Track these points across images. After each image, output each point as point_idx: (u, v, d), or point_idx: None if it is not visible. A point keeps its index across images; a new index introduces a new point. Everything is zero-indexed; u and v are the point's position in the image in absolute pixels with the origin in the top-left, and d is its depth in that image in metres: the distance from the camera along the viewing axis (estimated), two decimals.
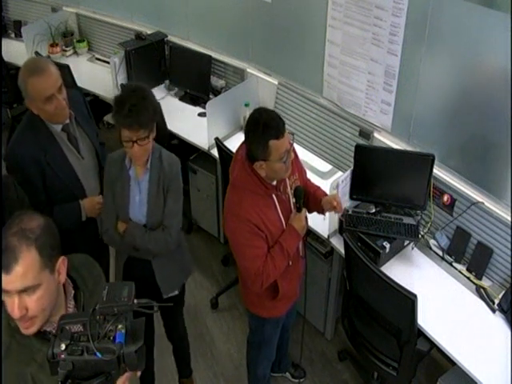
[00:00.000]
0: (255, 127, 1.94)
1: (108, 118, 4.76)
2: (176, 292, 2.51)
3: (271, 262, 2.08)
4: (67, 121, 2.33)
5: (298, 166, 2.26)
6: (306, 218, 2.22)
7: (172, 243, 2.31)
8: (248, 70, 3.68)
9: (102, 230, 2.37)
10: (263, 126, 1.92)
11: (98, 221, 2.59)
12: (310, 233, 2.76)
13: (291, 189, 2.17)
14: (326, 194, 2.36)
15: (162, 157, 2.24)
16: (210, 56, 3.82)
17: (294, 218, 2.15)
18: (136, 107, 2.00)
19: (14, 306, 1.27)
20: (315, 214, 2.40)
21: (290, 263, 2.19)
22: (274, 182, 2.10)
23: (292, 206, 2.19)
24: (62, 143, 2.33)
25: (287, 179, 2.16)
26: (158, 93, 3.99)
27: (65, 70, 3.80)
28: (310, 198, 2.31)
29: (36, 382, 1.36)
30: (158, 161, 2.23)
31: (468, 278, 2.50)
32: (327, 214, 2.50)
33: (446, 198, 2.61)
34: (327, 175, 3.17)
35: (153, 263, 2.37)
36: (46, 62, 2.22)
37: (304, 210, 2.18)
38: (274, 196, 2.10)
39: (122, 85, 3.76)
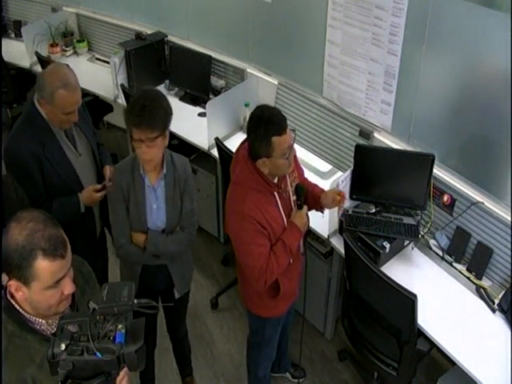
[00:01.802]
0: (257, 124, 1.95)
1: (108, 118, 4.76)
2: (187, 289, 2.56)
3: (274, 259, 2.08)
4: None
5: (296, 165, 2.27)
6: (307, 214, 2.22)
7: (191, 240, 2.37)
8: (248, 70, 3.68)
9: (116, 247, 2.32)
10: (265, 123, 1.92)
11: (95, 218, 2.59)
12: (310, 232, 2.76)
13: (291, 186, 2.18)
14: (324, 191, 2.36)
15: (174, 160, 2.24)
16: (210, 56, 3.81)
17: (296, 215, 2.16)
18: (147, 107, 2.01)
19: (70, 283, 1.37)
20: (315, 214, 2.40)
21: (291, 261, 2.19)
22: (276, 180, 2.11)
23: (292, 204, 2.20)
24: (61, 139, 2.35)
25: (287, 177, 2.17)
26: None
27: None
28: (309, 196, 2.32)
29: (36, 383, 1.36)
30: (171, 165, 2.23)
31: (468, 278, 2.50)
32: (326, 212, 2.50)
33: (446, 198, 2.61)
34: (327, 175, 3.17)
35: (168, 267, 2.37)
36: (75, 77, 2.29)
37: (305, 207, 2.18)
38: (275, 193, 2.11)
39: (121, 85, 3.76)
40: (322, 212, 2.40)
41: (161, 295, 2.51)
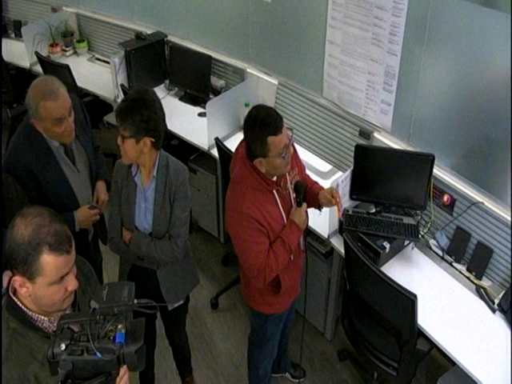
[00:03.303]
0: (253, 125, 1.95)
1: (108, 117, 4.75)
2: (181, 302, 2.50)
3: (273, 257, 2.09)
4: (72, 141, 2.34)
5: (297, 162, 2.27)
6: (307, 212, 2.23)
7: (179, 253, 2.28)
8: (248, 70, 3.68)
9: (107, 238, 2.36)
10: (261, 123, 1.93)
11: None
12: (310, 232, 2.76)
13: (291, 184, 2.18)
14: (323, 189, 2.36)
15: (169, 165, 2.22)
16: (210, 56, 3.81)
17: (295, 212, 2.16)
18: (127, 106, 2.05)
19: (74, 280, 1.39)
20: (316, 213, 2.40)
21: (292, 258, 2.20)
22: (275, 178, 2.11)
23: (292, 201, 2.20)
24: (59, 157, 2.32)
25: (287, 174, 2.17)
26: (158, 93, 3.90)
27: (65, 70, 3.81)
28: (308, 193, 2.32)
29: (39, 381, 1.37)
30: (164, 169, 2.20)
31: (468, 278, 2.50)
32: (327, 212, 2.51)
33: (446, 198, 2.61)
34: (327, 175, 3.17)
35: (158, 273, 2.35)
36: (58, 84, 2.22)
37: (304, 204, 2.18)
38: (274, 191, 2.11)
39: (121, 85, 3.76)
40: (320, 210, 2.40)
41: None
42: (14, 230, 1.32)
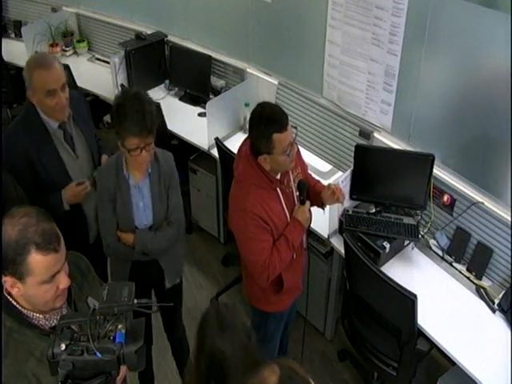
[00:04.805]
0: (258, 121, 1.97)
1: (108, 117, 4.75)
2: (178, 280, 2.54)
3: (277, 254, 2.10)
4: (65, 119, 2.32)
5: (300, 161, 2.28)
6: (310, 210, 2.23)
7: (180, 235, 2.39)
8: (248, 69, 3.68)
9: (104, 246, 2.32)
10: (266, 120, 1.94)
11: (89, 223, 2.54)
12: (310, 232, 2.76)
13: (294, 182, 2.19)
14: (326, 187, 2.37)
15: (157, 156, 2.24)
16: (210, 56, 3.82)
17: (298, 210, 2.18)
18: (141, 113, 2.00)
19: (65, 278, 1.38)
20: (316, 213, 2.40)
21: (295, 256, 2.21)
22: (278, 176, 2.12)
23: (295, 199, 2.21)
24: (57, 141, 2.30)
25: (290, 173, 2.18)
26: (158, 93, 4.00)
27: (65, 70, 3.80)
28: (310, 191, 2.32)
29: (37, 377, 1.37)
30: (154, 161, 2.22)
31: (468, 278, 2.50)
32: (327, 212, 2.50)
33: (446, 198, 2.61)
34: (327, 175, 3.17)
35: (160, 262, 2.38)
36: (53, 58, 2.27)
37: (307, 202, 2.19)
38: (278, 189, 2.12)
39: (121, 85, 3.76)
40: (323, 208, 2.41)
41: (153, 287, 2.54)
42: (2, 230, 1.31)
